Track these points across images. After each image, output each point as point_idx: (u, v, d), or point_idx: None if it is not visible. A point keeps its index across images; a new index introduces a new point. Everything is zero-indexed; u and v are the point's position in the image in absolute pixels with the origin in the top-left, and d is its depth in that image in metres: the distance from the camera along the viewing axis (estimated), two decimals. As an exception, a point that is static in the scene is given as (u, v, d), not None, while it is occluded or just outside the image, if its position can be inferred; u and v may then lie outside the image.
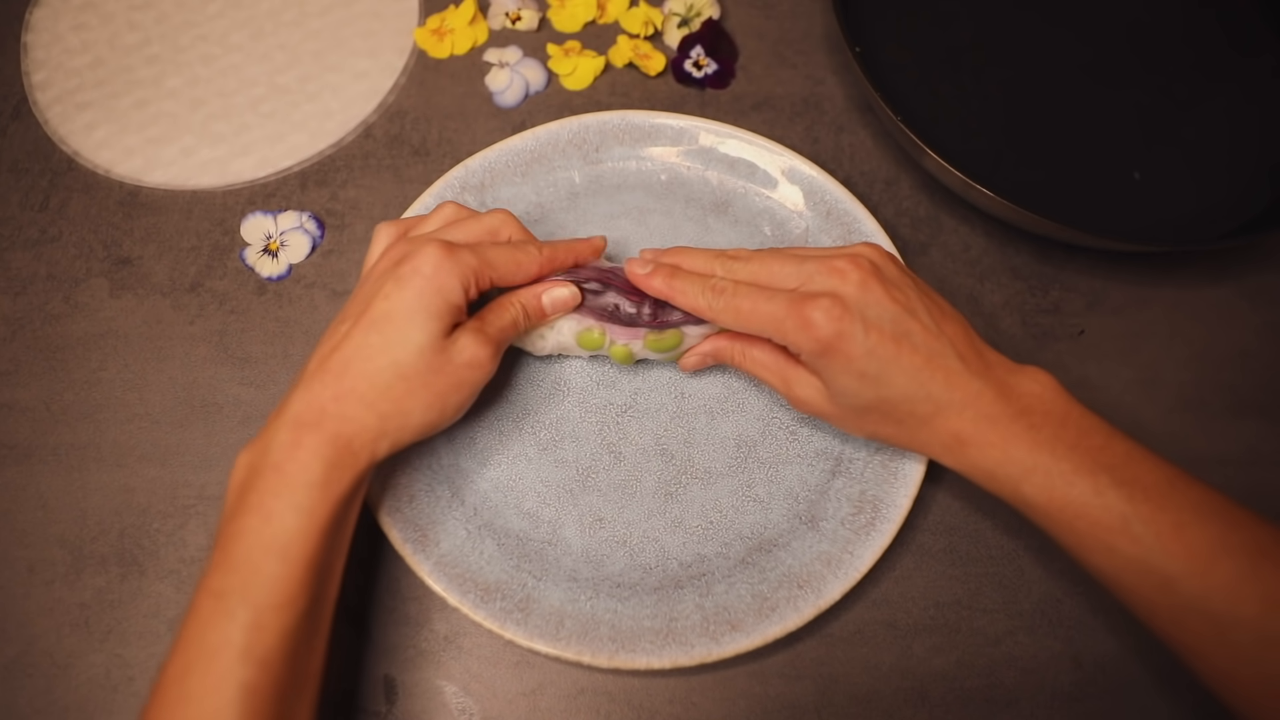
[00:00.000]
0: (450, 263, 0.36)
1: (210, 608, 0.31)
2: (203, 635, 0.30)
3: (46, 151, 0.52)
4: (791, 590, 0.39)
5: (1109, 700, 0.40)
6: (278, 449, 0.33)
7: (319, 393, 0.34)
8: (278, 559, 0.31)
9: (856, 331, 0.35)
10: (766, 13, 0.57)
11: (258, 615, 0.31)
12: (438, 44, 0.55)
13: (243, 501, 0.32)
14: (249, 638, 0.30)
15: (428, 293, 0.35)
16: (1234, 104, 0.52)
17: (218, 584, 0.31)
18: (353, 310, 0.36)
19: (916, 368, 0.35)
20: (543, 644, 0.38)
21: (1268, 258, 0.49)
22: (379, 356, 0.34)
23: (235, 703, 0.29)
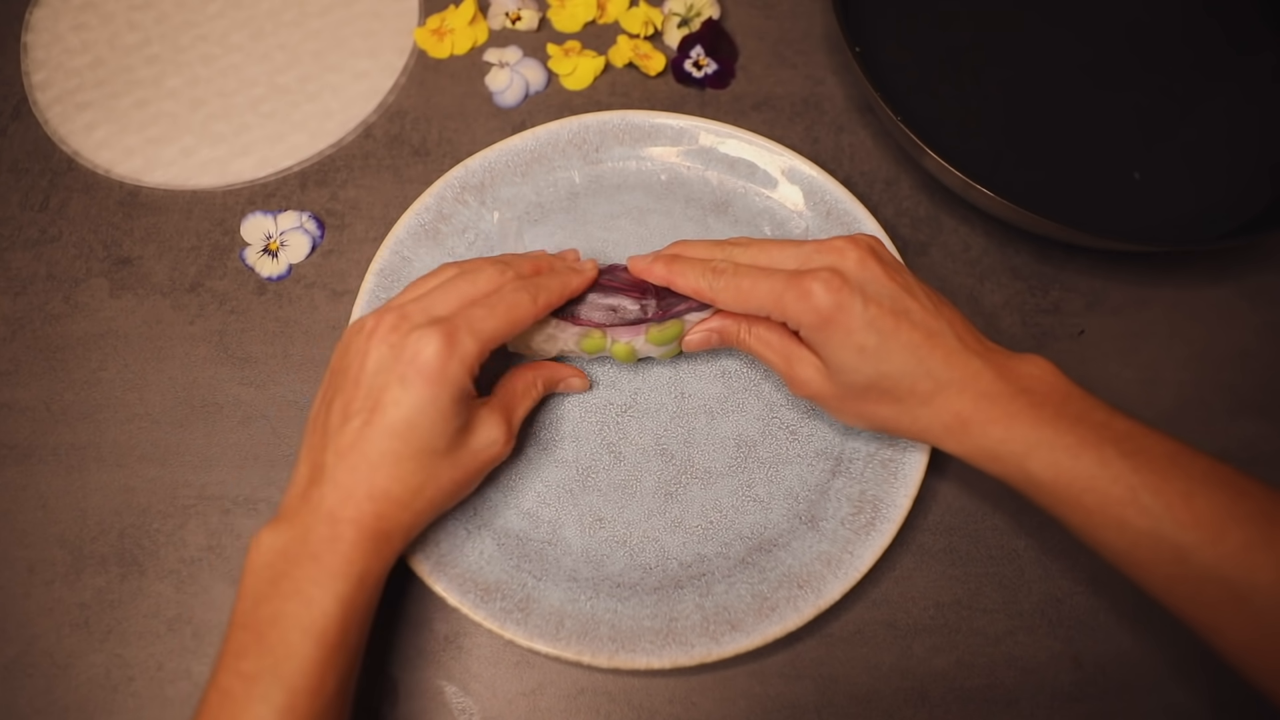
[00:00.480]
0: (453, 359, 0.35)
1: (243, 690, 0.31)
2: (235, 718, 0.31)
3: (46, 151, 0.53)
4: (791, 590, 0.39)
5: (1109, 700, 0.40)
6: (317, 541, 0.33)
7: (352, 490, 0.34)
8: (315, 644, 0.32)
9: (855, 303, 0.35)
10: (766, 13, 0.57)
11: (292, 699, 0.31)
12: (438, 44, 0.55)
13: (276, 588, 0.33)
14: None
15: (438, 396, 0.35)
16: (1234, 104, 0.52)
17: (251, 667, 0.31)
18: (358, 403, 0.35)
19: (916, 344, 0.35)
20: (543, 644, 0.38)
21: (1268, 258, 0.50)
22: (406, 463, 0.35)
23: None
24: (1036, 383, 0.35)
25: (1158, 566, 0.32)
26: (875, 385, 0.36)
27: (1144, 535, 0.32)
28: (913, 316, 0.36)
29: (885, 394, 0.36)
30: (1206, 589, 0.31)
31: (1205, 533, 0.31)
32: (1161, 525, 0.31)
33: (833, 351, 0.36)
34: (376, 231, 0.50)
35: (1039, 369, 0.36)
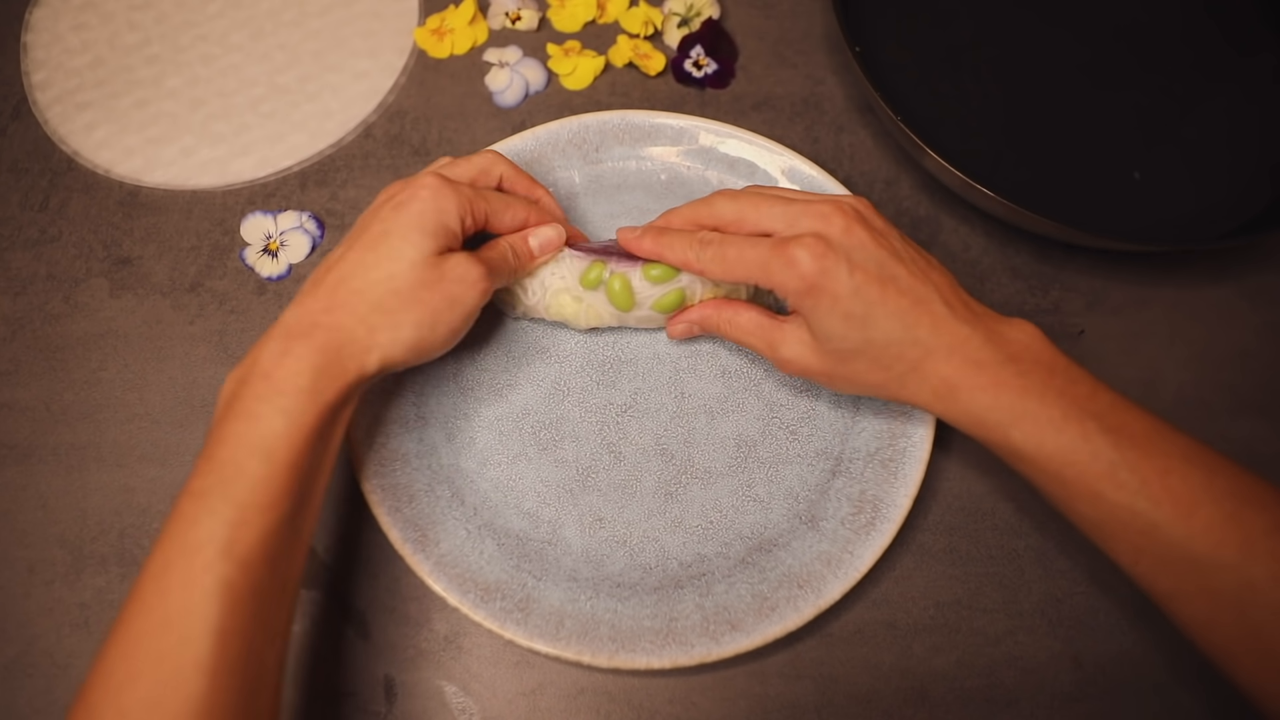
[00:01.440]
0: (448, 190, 0.37)
1: (192, 507, 0.31)
2: (184, 533, 0.30)
3: (46, 151, 0.53)
4: (791, 590, 0.39)
5: (1109, 700, 0.40)
6: (267, 358, 0.33)
7: (310, 306, 0.35)
8: (262, 460, 0.31)
9: (841, 270, 0.35)
10: (766, 13, 0.57)
11: (240, 513, 0.30)
12: (438, 44, 0.55)
13: (229, 409, 0.33)
14: (230, 534, 0.30)
15: (426, 214, 0.36)
16: (1234, 104, 0.52)
17: (199, 485, 0.31)
18: (349, 238, 0.37)
19: (903, 310, 0.35)
20: (543, 644, 0.38)
21: (1268, 258, 0.50)
22: (372, 271, 0.35)
23: (214, 597, 0.29)
24: (1024, 350, 0.35)
25: (1128, 538, 0.33)
26: (863, 352, 0.36)
27: (1118, 508, 0.32)
28: (899, 283, 0.36)
29: (874, 361, 0.36)
30: (1172, 563, 0.32)
31: (1179, 509, 0.31)
32: (1136, 500, 0.32)
33: (819, 319, 0.36)
34: (376, 231, 0.50)
35: (1026, 335, 0.36)
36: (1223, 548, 0.31)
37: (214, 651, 0.29)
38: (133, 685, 0.28)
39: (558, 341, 0.45)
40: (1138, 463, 0.32)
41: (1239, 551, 0.30)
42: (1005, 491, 0.44)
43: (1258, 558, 0.30)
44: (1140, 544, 0.33)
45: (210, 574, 0.29)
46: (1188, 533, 0.31)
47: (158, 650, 0.29)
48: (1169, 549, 0.32)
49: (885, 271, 0.36)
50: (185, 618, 0.29)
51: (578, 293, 0.42)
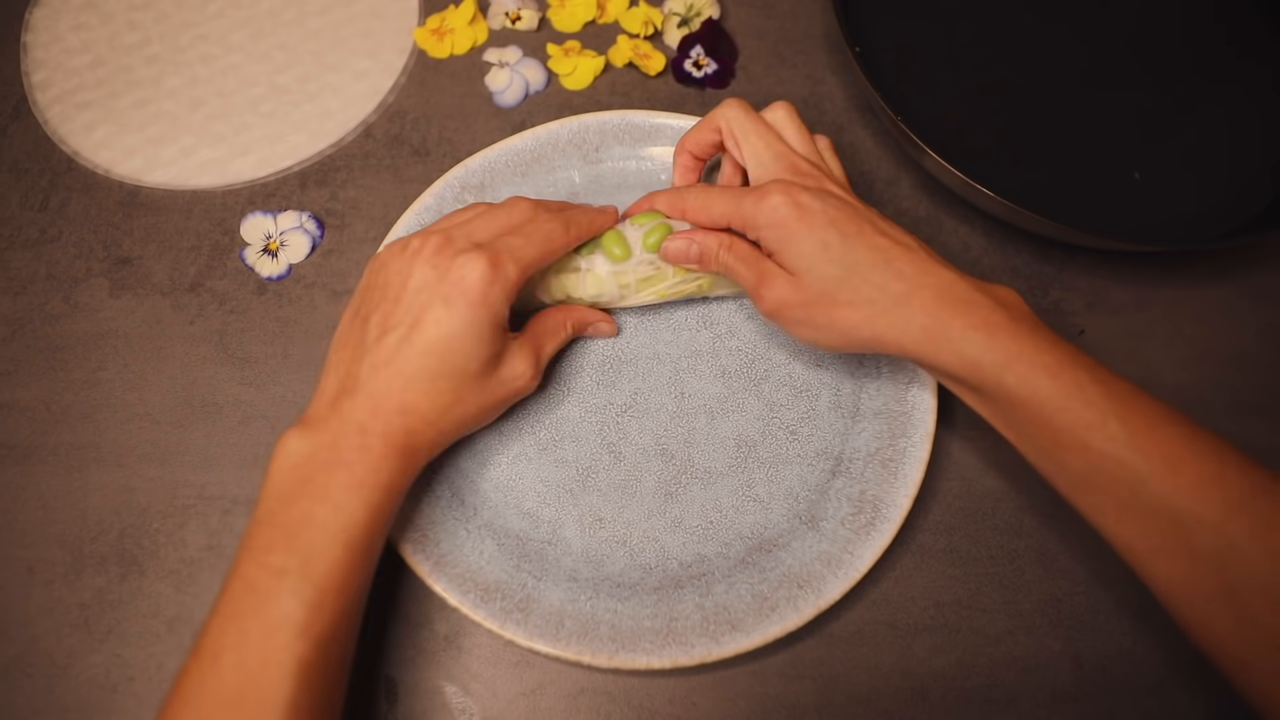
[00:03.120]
0: (496, 284, 0.37)
1: (272, 584, 0.32)
2: (260, 608, 0.31)
3: (46, 151, 0.52)
4: (791, 590, 0.39)
5: (1109, 700, 0.40)
6: (347, 450, 0.34)
7: (383, 404, 0.35)
8: (344, 548, 0.33)
9: (815, 204, 0.36)
10: (766, 13, 0.57)
11: (319, 595, 0.32)
12: (438, 44, 0.55)
13: (304, 490, 0.34)
14: (308, 616, 0.31)
15: (479, 319, 0.36)
16: (1234, 104, 0.52)
17: (279, 562, 0.32)
18: (397, 318, 0.37)
19: (882, 246, 0.36)
20: (543, 644, 0.38)
21: (1268, 258, 0.50)
22: (439, 381, 0.36)
23: (290, 675, 0.31)
24: (1013, 305, 0.36)
25: (1113, 491, 0.33)
26: (844, 283, 0.36)
27: (1106, 460, 0.32)
28: (876, 225, 0.37)
29: (856, 293, 0.36)
30: (1155, 519, 0.32)
31: (1165, 463, 0.31)
32: (1125, 452, 0.32)
33: (796, 253, 0.37)
34: (376, 231, 0.50)
35: (1012, 296, 0.36)
36: (1206, 505, 0.31)
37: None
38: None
39: (558, 341, 0.45)
40: (1126, 415, 0.32)
41: (1221, 510, 0.30)
42: (1005, 491, 0.44)
43: (1239, 517, 0.30)
44: (1125, 498, 0.32)
45: (288, 653, 0.31)
46: (1173, 488, 0.31)
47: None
48: (1153, 504, 0.32)
49: (860, 216, 0.37)
50: (261, 692, 0.30)
51: (575, 264, 0.42)
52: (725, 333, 0.45)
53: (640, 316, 0.46)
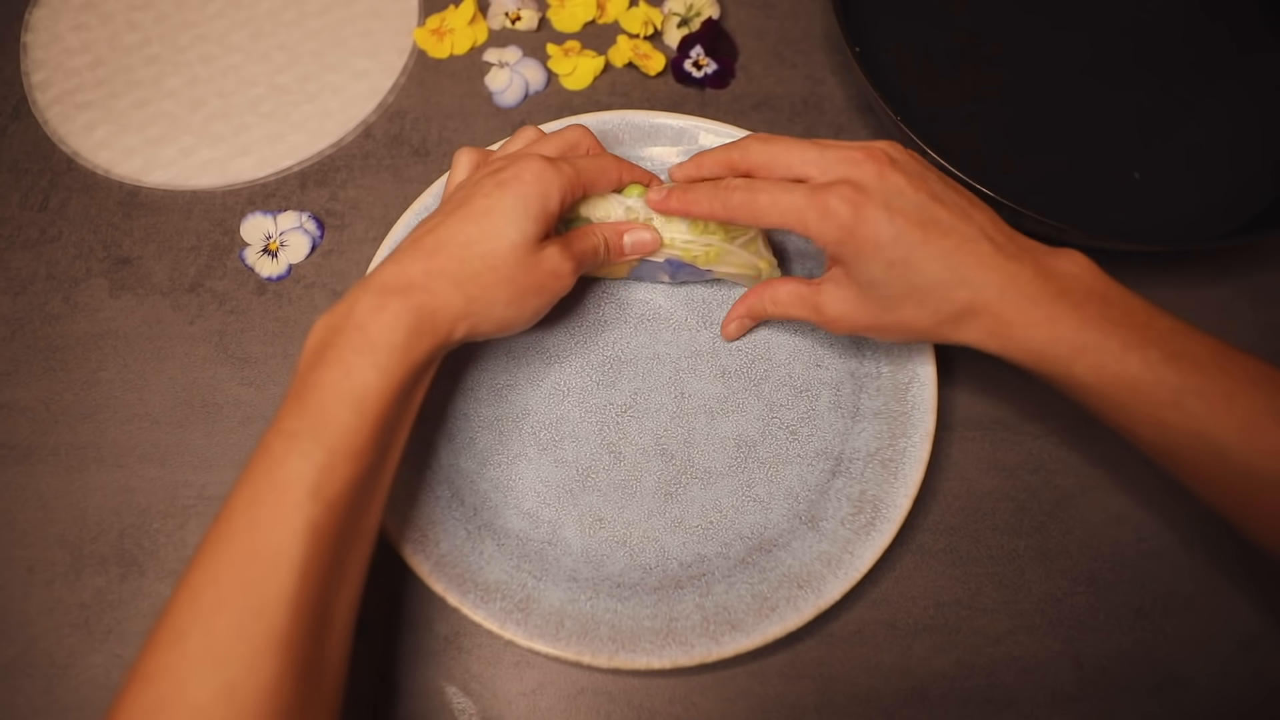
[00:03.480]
0: (552, 174, 0.37)
1: (283, 446, 0.32)
2: (272, 471, 0.31)
3: (46, 151, 0.52)
4: (791, 590, 0.39)
5: (1109, 700, 0.40)
6: (362, 311, 0.34)
7: (409, 266, 0.35)
8: (353, 410, 0.32)
9: (880, 216, 0.34)
10: (766, 13, 0.57)
11: (330, 458, 0.32)
12: (438, 44, 0.55)
13: (321, 356, 0.33)
14: (319, 477, 0.31)
15: (530, 196, 0.36)
16: (1234, 103, 0.52)
17: (291, 426, 0.32)
18: (448, 207, 0.38)
19: (947, 251, 0.35)
20: (543, 644, 0.38)
21: (1268, 258, 0.49)
22: (474, 245, 0.36)
23: (301, 535, 0.30)
24: (1076, 282, 0.35)
25: (1194, 462, 0.33)
26: (909, 297, 0.35)
27: (1186, 435, 0.32)
28: (941, 224, 0.35)
29: (920, 305, 0.36)
30: (1242, 484, 0.32)
31: (1244, 433, 0.31)
32: (1204, 426, 0.32)
33: (862, 268, 0.36)
34: (376, 231, 0.50)
35: (1077, 266, 0.35)
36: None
37: (297, 586, 0.30)
38: (220, 611, 0.29)
39: (558, 341, 0.45)
40: (1202, 387, 0.32)
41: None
42: (1005, 491, 0.44)
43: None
44: (1208, 468, 0.33)
45: (299, 513, 0.31)
46: (1257, 454, 0.31)
47: (245, 580, 0.30)
48: (1239, 471, 0.32)
49: (925, 214, 0.35)
50: (272, 551, 0.30)
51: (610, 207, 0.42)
52: (725, 333, 0.45)
53: (640, 317, 0.46)
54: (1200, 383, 0.32)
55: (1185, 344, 0.33)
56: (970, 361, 0.46)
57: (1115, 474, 0.44)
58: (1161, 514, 0.43)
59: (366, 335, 0.33)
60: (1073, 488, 0.44)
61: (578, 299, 0.46)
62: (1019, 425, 0.45)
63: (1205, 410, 0.32)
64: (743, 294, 0.43)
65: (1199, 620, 0.41)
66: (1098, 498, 0.44)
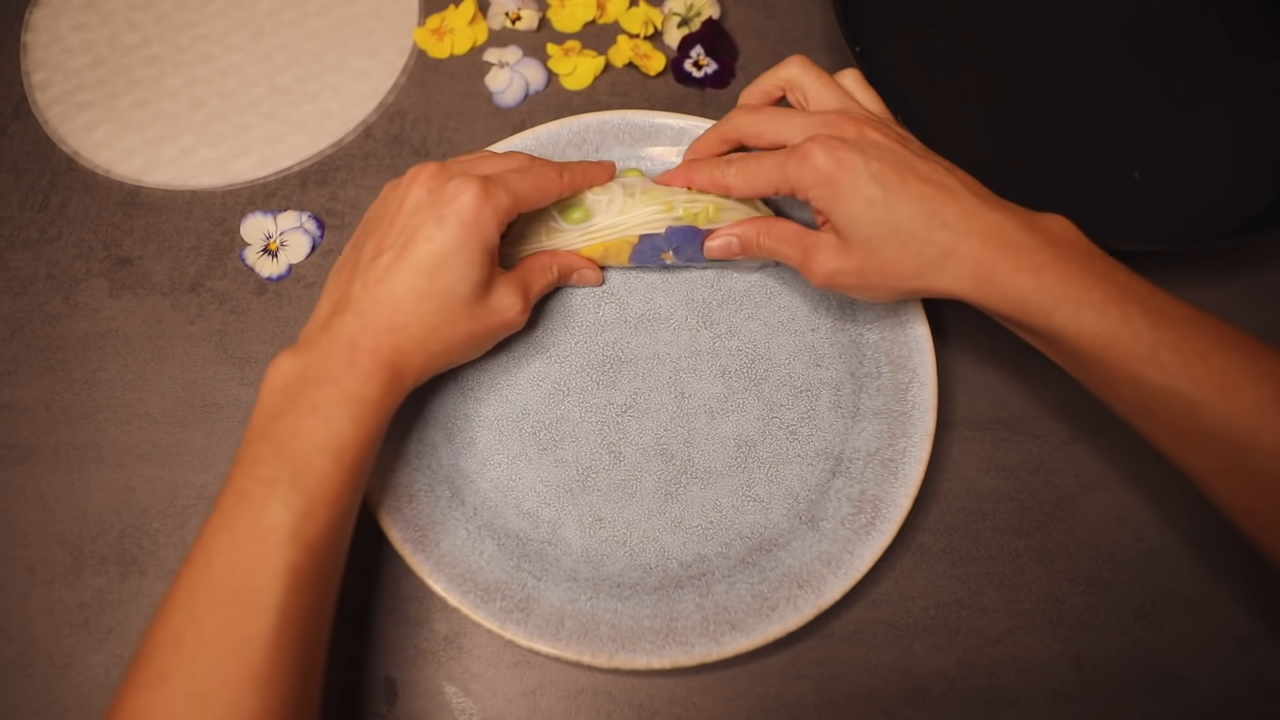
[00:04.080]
0: (488, 207, 0.37)
1: (262, 493, 0.33)
2: (253, 516, 0.32)
3: (46, 151, 0.52)
4: (791, 590, 0.39)
5: (1109, 700, 0.40)
6: (335, 365, 0.35)
7: (372, 321, 0.36)
8: (332, 460, 0.34)
9: (856, 158, 0.36)
10: (766, 13, 0.57)
11: (309, 505, 0.33)
12: (438, 44, 0.55)
13: (293, 404, 0.34)
14: (299, 523, 0.32)
15: (469, 240, 0.37)
16: (1235, 103, 0.52)
17: (270, 473, 0.33)
18: (391, 240, 0.37)
19: (926, 195, 0.36)
20: (543, 644, 0.38)
21: (1268, 258, 0.49)
22: (428, 300, 0.37)
23: (280, 578, 0.31)
24: (1060, 237, 0.36)
25: (1170, 420, 0.33)
26: (891, 239, 0.36)
27: (1160, 391, 0.33)
28: (919, 172, 0.36)
29: (903, 248, 0.36)
30: (1213, 445, 0.32)
31: (1219, 391, 0.32)
32: (1178, 382, 0.32)
33: (842, 211, 0.36)
34: (376, 231, 0.50)
35: (1060, 225, 0.36)
36: (1262, 430, 0.31)
37: (277, 626, 0.31)
38: (203, 650, 0.30)
39: (558, 341, 0.45)
40: (1179, 345, 0.32)
41: (1278, 433, 0.31)
42: (1005, 491, 0.44)
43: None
44: (1182, 426, 0.33)
45: (279, 557, 0.32)
46: (1229, 414, 0.32)
47: (226, 620, 0.31)
48: (1210, 430, 0.32)
49: (903, 164, 0.36)
50: (254, 594, 0.31)
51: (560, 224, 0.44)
52: (725, 333, 0.45)
53: (640, 317, 0.46)
54: (1177, 339, 0.33)
55: (1162, 304, 0.34)
56: (970, 361, 0.46)
57: (1115, 474, 0.44)
58: (1161, 514, 0.43)
59: (342, 389, 0.35)
60: (1073, 488, 0.44)
61: (578, 299, 0.46)
62: (1019, 425, 0.45)
63: (1181, 366, 0.32)
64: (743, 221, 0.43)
65: (1199, 620, 0.41)
66: (1098, 498, 0.44)
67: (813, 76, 0.41)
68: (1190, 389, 0.32)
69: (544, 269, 0.43)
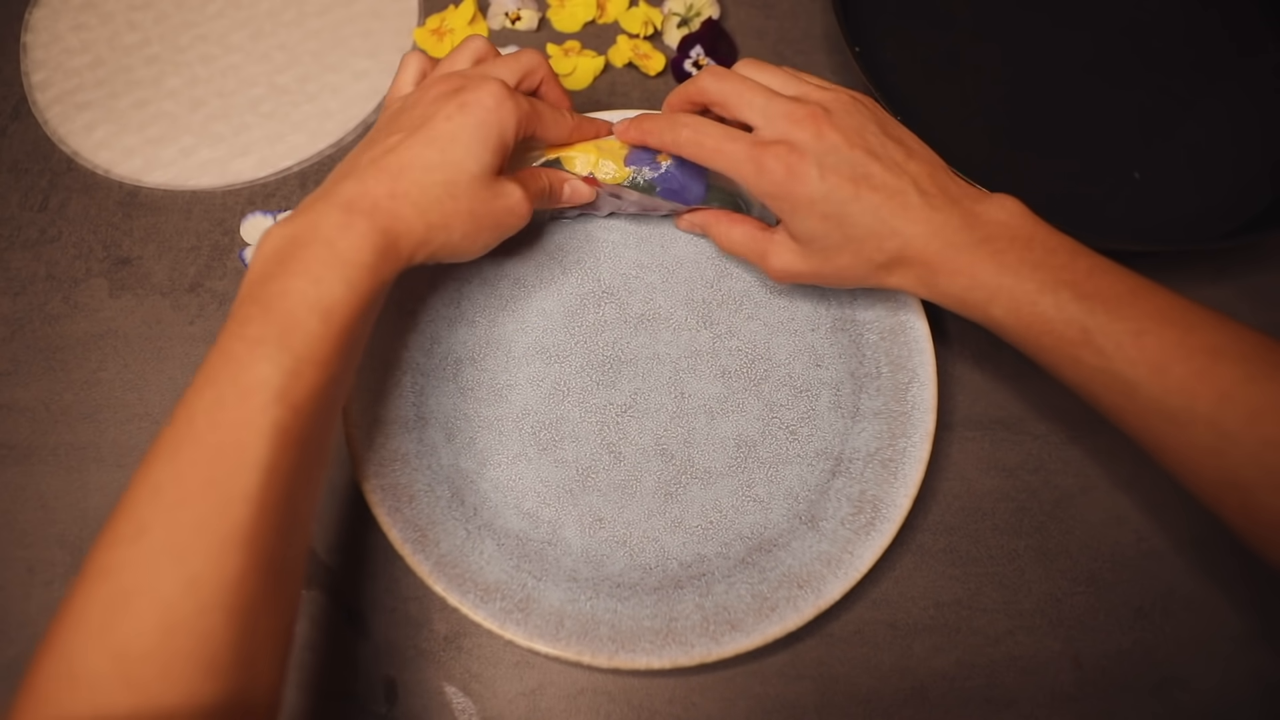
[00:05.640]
0: (511, 103, 0.37)
1: (247, 351, 0.31)
2: (237, 375, 0.31)
3: (46, 151, 0.52)
4: (791, 590, 0.39)
5: (1109, 700, 0.40)
6: (329, 227, 0.34)
7: (373, 187, 0.35)
8: (321, 320, 0.32)
9: (811, 174, 0.37)
10: (766, 13, 0.57)
11: (296, 364, 0.31)
12: (437, 44, 0.55)
13: (283, 266, 0.33)
14: (286, 382, 0.31)
15: (489, 124, 0.37)
16: (1234, 103, 0.52)
17: (256, 332, 0.32)
18: (405, 123, 0.37)
19: (876, 205, 0.37)
20: (543, 644, 0.38)
21: (1268, 258, 0.49)
22: (435, 171, 0.36)
23: (266, 436, 0.30)
24: (1001, 228, 0.37)
25: (1110, 399, 0.34)
26: (844, 247, 0.38)
27: (1097, 371, 0.34)
28: (873, 179, 0.37)
29: (855, 254, 0.38)
30: (1153, 419, 0.33)
31: (1151, 369, 0.33)
32: (1112, 363, 0.33)
33: (798, 222, 0.38)
34: (376, 231, 0.50)
35: (1005, 212, 0.37)
36: (1196, 402, 0.32)
37: (261, 485, 0.30)
38: (184, 506, 0.29)
39: (558, 341, 0.45)
40: (1110, 327, 0.33)
41: (1212, 405, 0.32)
42: (1005, 491, 0.44)
43: (1231, 408, 0.31)
44: (1120, 403, 0.34)
45: (265, 415, 0.30)
46: (1163, 390, 0.32)
47: (209, 477, 0.30)
48: (1147, 406, 0.33)
49: (858, 171, 0.37)
50: (238, 451, 0.30)
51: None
52: (725, 333, 0.45)
53: (640, 317, 0.46)
54: (1109, 322, 0.33)
55: (1100, 284, 0.34)
56: (970, 361, 0.46)
57: (1115, 474, 0.44)
58: (1161, 514, 0.43)
59: (334, 250, 0.33)
60: (1073, 488, 0.44)
61: (578, 299, 0.46)
62: (1019, 425, 0.45)
63: (1114, 347, 0.33)
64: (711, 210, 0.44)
65: (1199, 620, 0.41)
66: (1098, 498, 0.44)
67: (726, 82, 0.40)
68: (1124, 368, 0.33)
69: (535, 174, 0.42)
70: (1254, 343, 0.33)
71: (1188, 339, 0.33)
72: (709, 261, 0.47)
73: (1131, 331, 0.33)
